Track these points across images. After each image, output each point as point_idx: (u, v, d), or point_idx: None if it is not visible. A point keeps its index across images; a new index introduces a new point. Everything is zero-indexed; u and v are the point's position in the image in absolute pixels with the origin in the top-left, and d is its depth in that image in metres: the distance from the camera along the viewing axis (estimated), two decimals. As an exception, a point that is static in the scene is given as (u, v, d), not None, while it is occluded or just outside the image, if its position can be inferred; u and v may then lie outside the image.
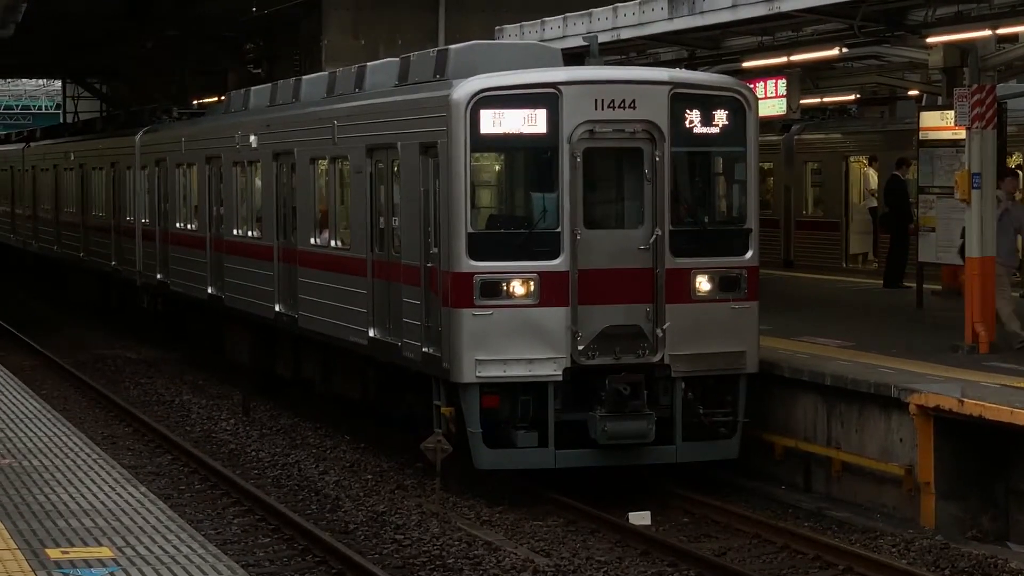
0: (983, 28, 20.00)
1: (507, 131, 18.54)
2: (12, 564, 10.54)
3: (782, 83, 25.37)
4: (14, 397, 18.27)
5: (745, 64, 25.03)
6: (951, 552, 16.21)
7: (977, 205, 20.41)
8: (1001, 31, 20.04)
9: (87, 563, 10.60)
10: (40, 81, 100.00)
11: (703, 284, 18.87)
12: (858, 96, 33.12)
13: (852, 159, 34.92)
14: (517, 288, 18.37)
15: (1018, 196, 22.68)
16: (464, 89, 18.54)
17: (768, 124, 28.68)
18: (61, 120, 77.99)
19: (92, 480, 13.46)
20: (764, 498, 18.99)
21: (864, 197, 34.64)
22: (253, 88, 29.81)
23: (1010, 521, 17.04)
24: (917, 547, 16.44)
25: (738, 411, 18.91)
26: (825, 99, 32.62)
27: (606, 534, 17.29)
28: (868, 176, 34.51)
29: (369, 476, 20.23)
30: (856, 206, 34.81)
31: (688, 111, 18.92)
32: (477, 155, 18.69)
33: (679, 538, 17.05)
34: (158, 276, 32.66)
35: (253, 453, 22.01)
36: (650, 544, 16.73)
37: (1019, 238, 22.37)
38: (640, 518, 17.66)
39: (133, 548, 11.04)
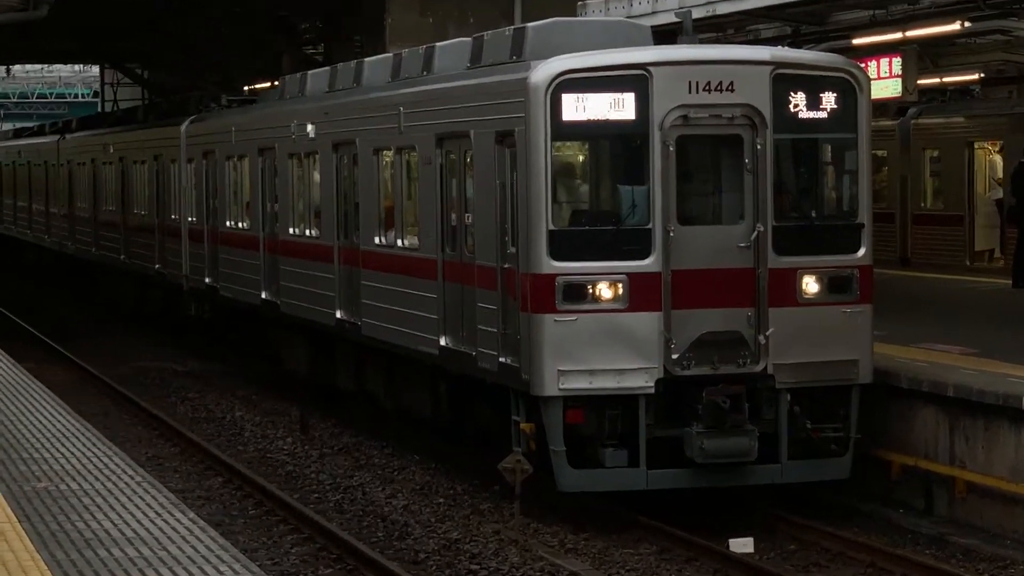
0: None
1: (592, 117, 18.52)
2: (50, 598, 10.60)
3: (897, 62, 25.29)
4: (50, 414, 18.38)
5: (855, 41, 24.96)
6: (1092, 583, 16.10)
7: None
8: None
9: (132, 597, 10.65)
10: (76, 67, 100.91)
11: (810, 285, 18.80)
12: (982, 75, 32.94)
13: (976, 145, 34.69)
14: (604, 291, 18.34)
15: None
16: (544, 71, 18.53)
17: (881, 107, 28.53)
18: (99, 109, 78.68)
19: (136, 505, 13.51)
20: (880, 522, 18.89)
21: (990, 187, 34.43)
22: (310, 72, 29.93)
23: None
24: (1054, 578, 16.35)
25: (850, 426, 18.82)
26: (945, 79, 32.45)
27: (704, 563, 17.23)
28: (994, 164, 34.28)
29: (441, 500, 20.25)
30: (981, 197, 34.62)
31: (792, 94, 18.86)
32: (559, 144, 18.67)
33: (785, 567, 16.99)
34: (206, 280, 32.83)
35: (313, 475, 22.07)
36: (753, 574, 16.66)
37: None
38: (742, 545, 17.59)
39: (183, 580, 11.08)
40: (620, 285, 18.35)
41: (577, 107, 18.47)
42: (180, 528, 12.72)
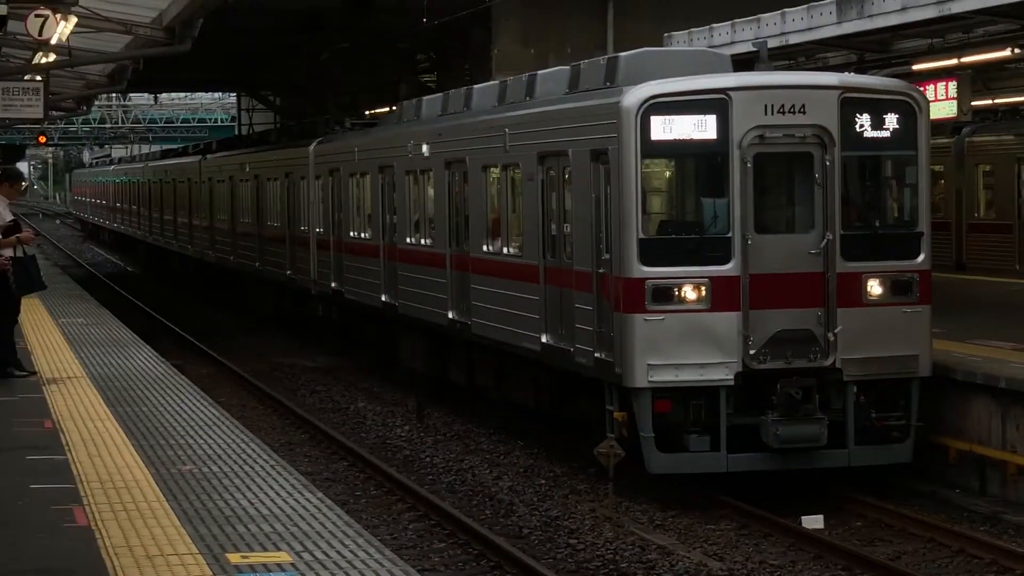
0: None
1: (677, 137, 18.51)
2: (194, 568, 10.67)
3: (953, 85, 25.09)
4: (194, 405, 18.51)
5: (915, 67, 24.78)
6: None
7: None
8: None
9: (266, 567, 10.69)
10: (216, 95, 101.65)
11: (875, 288, 18.70)
12: (1032, 97, 32.62)
13: (1027, 161, 34.39)
14: (689, 293, 18.32)
15: None
16: (635, 95, 18.53)
17: (939, 127, 28.25)
18: (236, 132, 79.21)
19: (270, 486, 13.59)
20: (938, 502, 18.74)
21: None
22: (425, 98, 30.00)
23: None
24: (1098, 552, 16.14)
25: (911, 415, 18.71)
26: (997, 100, 32.14)
27: (779, 538, 17.16)
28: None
29: (542, 481, 20.25)
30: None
31: (858, 115, 18.77)
32: (648, 161, 18.66)
33: (852, 542, 16.88)
34: (332, 285, 32.97)
35: (427, 459, 22.13)
36: (823, 548, 16.58)
37: None
38: (813, 522, 17.51)
39: (311, 553, 11.12)
40: (703, 288, 18.32)
41: (664, 128, 18.45)
42: (309, 506, 12.78)
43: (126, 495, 13.09)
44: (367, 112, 47.30)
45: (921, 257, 18.99)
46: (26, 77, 26.55)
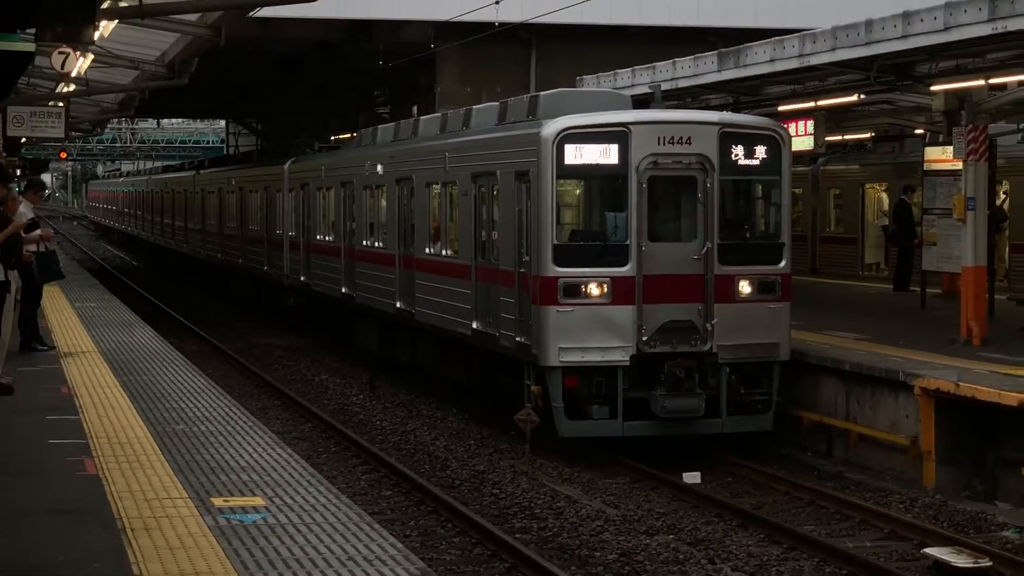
0: (978, 79, 19.84)
1: (586, 162, 18.53)
2: (184, 510, 10.64)
3: (810, 123, 25.22)
4: (186, 376, 18.44)
5: (780, 108, 24.90)
6: (948, 508, 16.05)
7: (971, 223, 20.23)
8: (992, 81, 19.87)
9: (244, 509, 10.67)
10: (208, 121, 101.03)
11: (745, 287, 18.78)
12: (873, 134, 32.84)
13: (867, 186, 34.67)
14: (593, 289, 18.35)
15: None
16: (552, 127, 18.55)
17: (799, 157, 28.46)
18: (224, 152, 78.79)
19: (248, 443, 13.56)
20: (794, 462, 18.89)
21: (877, 217, 34.36)
22: (380, 126, 29.94)
23: (997, 483, 16.86)
24: (920, 504, 16.29)
25: (773, 391, 18.82)
26: (846, 136, 32.37)
27: (664, 490, 17.25)
28: (881, 200, 34.24)
29: (472, 441, 20.26)
30: (870, 224, 34.55)
31: (733, 146, 18.84)
32: (561, 181, 18.67)
33: (724, 494, 16.98)
34: (301, 278, 32.87)
35: (378, 422, 22.10)
36: (700, 499, 16.69)
37: None
38: (692, 478, 17.61)
39: (280, 498, 11.10)
40: (605, 285, 18.35)
41: (575, 154, 18.47)
42: (280, 460, 12.76)
43: (128, 449, 13.04)
44: (332, 137, 47.12)
45: (783, 263, 19.09)
46: (50, 103, 26.31)
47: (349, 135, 42.42)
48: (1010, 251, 28.58)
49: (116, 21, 17.17)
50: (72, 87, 25.90)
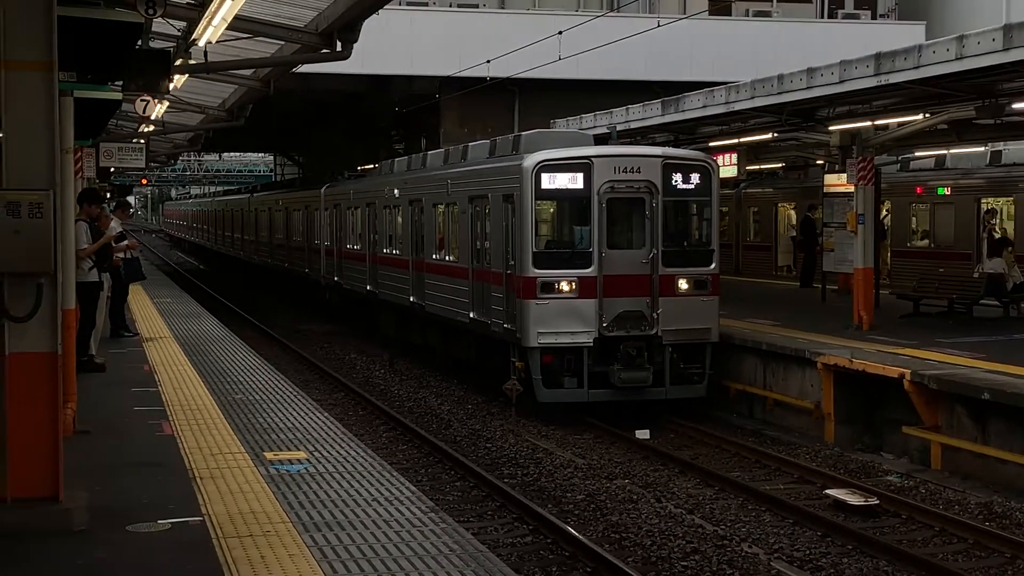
0: (866, 120, 19.88)
1: (558, 187, 18.54)
2: (242, 462, 10.61)
3: (735, 156, 25.23)
4: (244, 356, 18.41)
5: (711, 143, 24.92)
6: (845, 458, 16.09)
7: (861, 233, 20.27)
8: (877, 122, 19.92)
9: (290, 461, 10.66)
10: (260, 154, 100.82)
11: (683, 285, 18.79)
12: (784, 164, 32.90)
13: (780, 205, 34.70)
14: (564, 286, 18.36)
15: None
16: (531, 160, 18.55)
17: (725, 182, 28.52)
18: (273, 179, 78.58)
19: (293, 408, 13.54)
20: (723, 423, 18.90)
21: (787, 229, 34.40)
22: (396, 159, 29.90)
23: (883, 438, 16.91)
24: (822, 455, 16.33)
25: (706, 366, 18.84)
26: (762, 166, 32.41)
27: (621, 444, 17.27)
28: (790, 216, 34.28)
29: (470, 406, 20.25)
30: (782, 235, 34.58)
31: (674, 174, 18.86)
32: (539, 202, 18.67)
33: (668, 447, 16.99)
34: (335, 279, 32.80)
35: (396, 391, 22.07)
36: (649, 451, 16.70)
37: None
38: (643, 434, 17.61)
39: (319, 452, 11.09)
40: (573, 283, 18.36)
41: (549, 181, 18.48)
42: (318, 422, 12.75)
43: (198, 415, 13.01)
44: (358, 167, 47.04)
45: (713, 265, 19.11)
46: (133, 140, 26.20)
47: (372, 166, 42.37)
48: (891, 256, 28.66)
49: (187, 76, 17.10)
50: (151, 127, 25.78)
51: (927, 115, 18.92)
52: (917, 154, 28.53)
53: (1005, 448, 14.37)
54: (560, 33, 28.94)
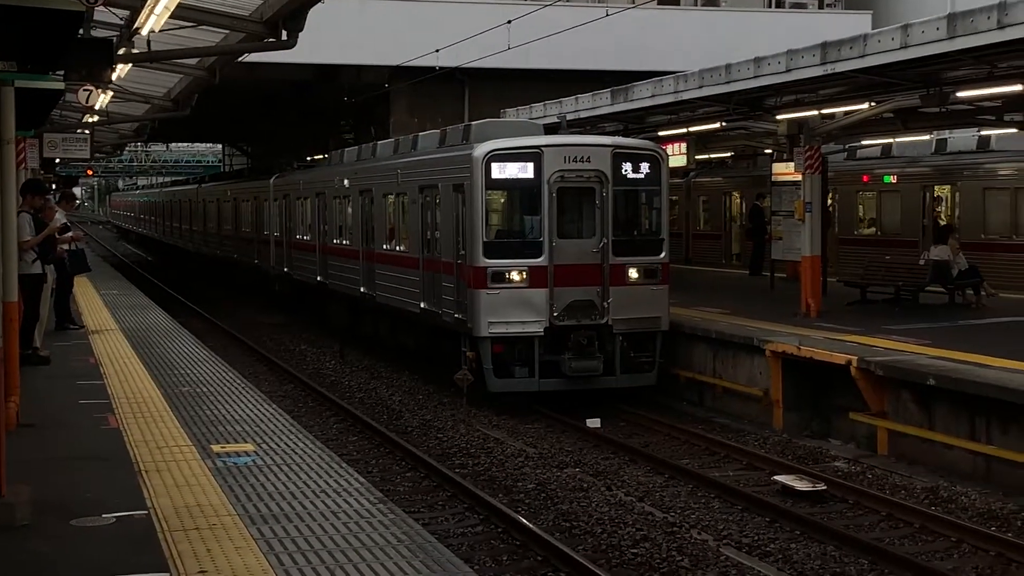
0: (812, 109, 20.02)
1: (508, 176, 18.52)
2: (188, 454, 10.53)
3: (684, 145, 25.35)
4: (191, 348, 18.26)
5: (660, 133, 25.01)
6: (793, 444, 16.22)
7: (808, 222, 20.41)
8: (824, 111, 20.06)
9: (237, 454, 10.59)
10: (207, 144, 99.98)
11: (633, 274, 18.84)
12: (732, 153, 33.09)
13: (728, 194, 34.89)
14: (515, 276, 18.35)
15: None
16: (481, 149, 18.51)
17: (675, 171, 28.64)
18: (221, 169, 77.97)
19: (241, 400, 13.45)
20: (673, 411, 18.99)
21: (738, 218, 34.61)
22: (346, 149, 29.75)
23: (831, 425, 17.06)
24: (771, 441, 16.45)
25: (656, 354, 18.91)
26: (711, 155, 32.58)
27: (572, 433, 17.30)
28: (738, 205, 34.48)
29: (421, 396, 20.22)
30: (732, 224, 34.80)
31: (624, 163, 18.88)
32: (489, 192, 18.63)
33: (618, 435, 17.05)
34: (284, 269, 32.63)
35: (346, 382, 21.99)
36: (600, 439, 16.74)
37: None
38: (593, 423, 17.66)
39: (267, 444, 11.02)
40: (524, 273, 18.36)
41: (500, 170, 18.45)
42: (267, 413, 12.67)
43: (144, 407, 12.89)
44: (308, 157, 46.74)
45: (663, 254, 19.17)
46: (78, 131, 25.90)
47: (321, 156, 42.15)
48: (839, 243, 28.91)
49: (130, 64, 16.91)
50: (96, 118, 25.49)
51: (873, 104, 19.09)
52: (864, 143, 28.78)
53: (950, 433, 14.55)
54: (509, 22, 28.90)
